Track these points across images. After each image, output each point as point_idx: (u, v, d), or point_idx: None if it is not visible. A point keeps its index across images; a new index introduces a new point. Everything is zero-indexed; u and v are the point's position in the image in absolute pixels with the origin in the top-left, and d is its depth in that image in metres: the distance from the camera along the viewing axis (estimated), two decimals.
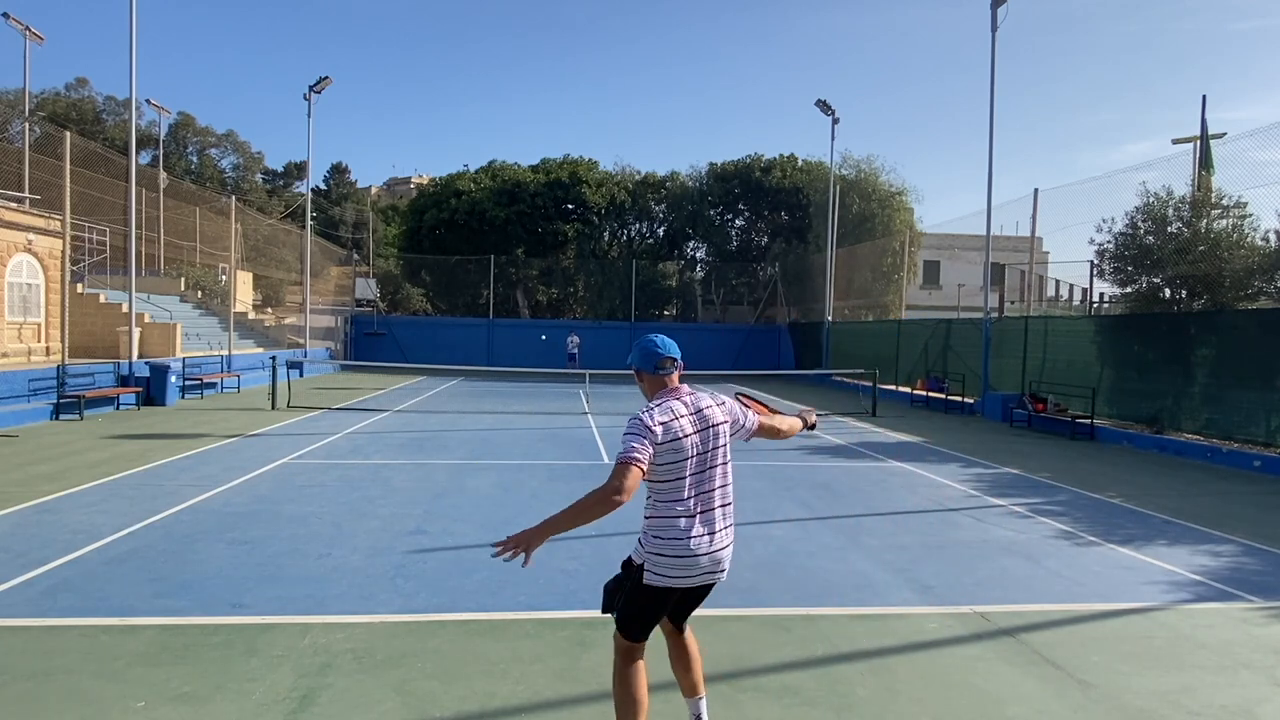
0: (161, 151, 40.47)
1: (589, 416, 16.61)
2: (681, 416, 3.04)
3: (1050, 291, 31.17)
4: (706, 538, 3.05)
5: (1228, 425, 12.79)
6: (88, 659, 4.21)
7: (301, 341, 30.29)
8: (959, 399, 19.50)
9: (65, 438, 12.18)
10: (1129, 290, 15.55)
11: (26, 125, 26.49)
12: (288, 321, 34.27)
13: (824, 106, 28.12)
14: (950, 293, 34.19)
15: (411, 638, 4.58)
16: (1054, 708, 3.92)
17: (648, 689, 3.18)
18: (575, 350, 31.65)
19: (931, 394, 20.60)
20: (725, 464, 3.15)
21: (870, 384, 19.31)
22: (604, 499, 2.80)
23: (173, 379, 17.64)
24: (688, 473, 3.02)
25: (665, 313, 39.18)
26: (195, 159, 47.39)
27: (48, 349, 19.39)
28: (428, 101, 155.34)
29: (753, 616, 5.11)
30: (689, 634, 3.41)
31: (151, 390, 17.09)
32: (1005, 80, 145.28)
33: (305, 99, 27.98)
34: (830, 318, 29.74)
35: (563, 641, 4.59)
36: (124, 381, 16.74)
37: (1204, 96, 24.33)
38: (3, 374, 14.19)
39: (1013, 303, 26.11)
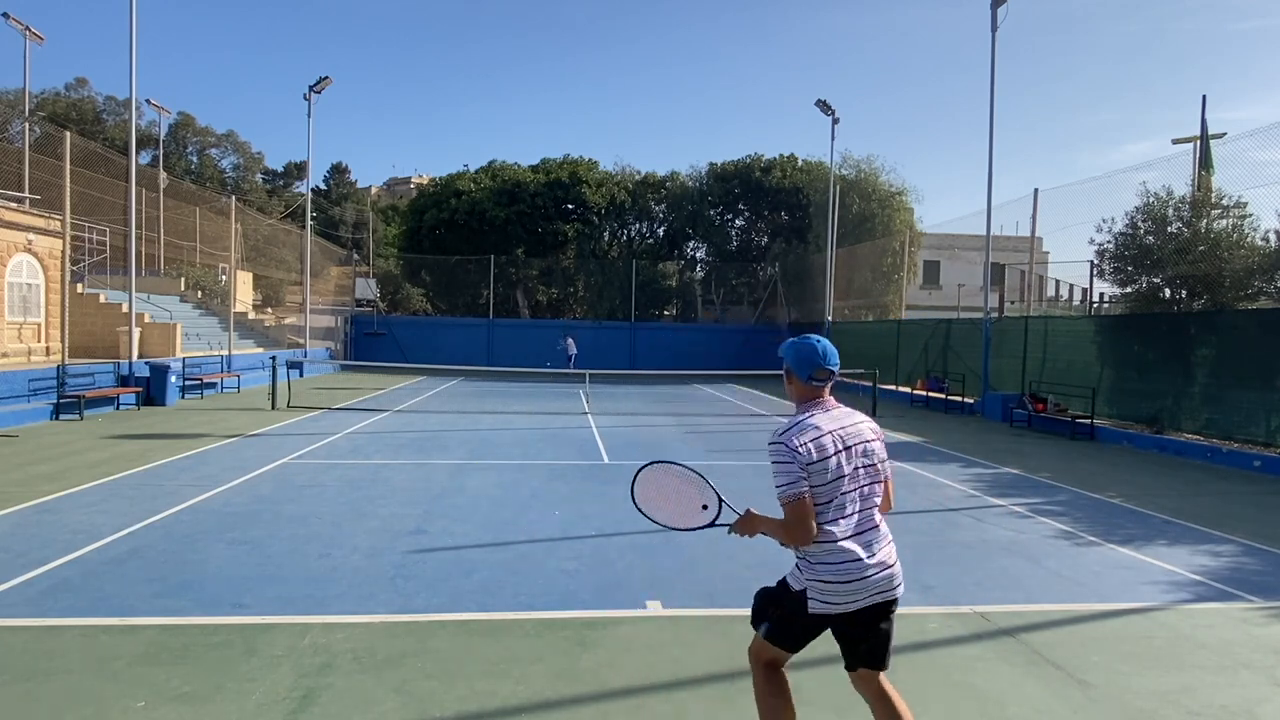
0: (161, 151, 40.49)
1: (589, 416, 16.61)
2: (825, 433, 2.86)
3: (1050, 291, 31.18)
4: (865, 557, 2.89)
5: (1228, 425, 12.79)
6: (88, 659, 4.21)
7: (301, 341, 30.30)
8: (959, 399, 19.49)
9: (65, 438, 12.18)
10: (1129, 290, 15.55)
11: (26, 125, 26.49)
12: (288, 321, 34.28)
13: (824, 106, 28.13)
14: (950, 293, 34.20)
15: (411, 638, 4.58)
16: (1054, 708, 3.92)
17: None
18: (572, 352, 31.65)
19: (931, 394, 20.60)
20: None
21: (870, 384, 19.31)
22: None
23: (173, 379, 17.65)
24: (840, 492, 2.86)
25: (665, 313, 39.19)
26: (195, 159, 47.42)
27: (48, 349, 19.39)
28: (428, 101, 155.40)
29: None
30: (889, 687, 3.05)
31: (151, 390, 17.09)
32: (1005, 80, 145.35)
33: (305, 99, 28.00)
34: (830, 318, 29.74)
35: (563, 641, 4.59)
36: (124, 381, 16.74)
37: (1204, 96, 24.35)
38: (3, 374, 14.19)
39: (1013, 303, 26.12)
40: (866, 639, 2.95)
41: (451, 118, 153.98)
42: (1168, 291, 14.87)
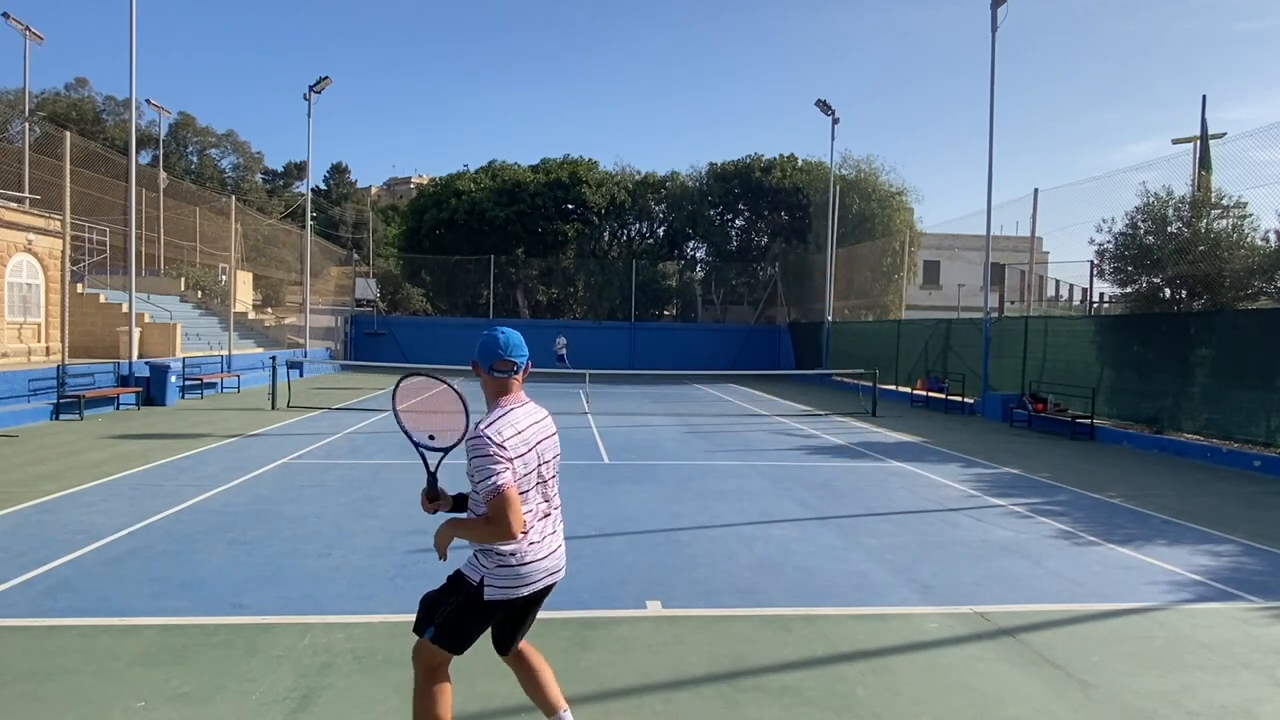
0: (161, 151, 40.49)
1: (589, 416, 16.61)
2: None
3: (1050, 291, 31.16)
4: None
5: (1228, 425, 12.79)
6: (88, 659, 4.21)
7: (301, 341, 30.29)
8: (959, 399, 19.49)
9: (65, 438, 12.18)
10: (1129, 290, 15.54)
11: (26, 125, 26.49)
12: (288, 321, 34.27)
13: (824, 106, 28.13)
14: (950, 293, 34.21)
15: (411, 638, 4.56)
16: (1054, 708, 3.92)
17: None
18: (563, 352, 31.59)
19: (931, 394, 20.60)
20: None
21: (870, 384, 19.31)
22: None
23: (173, 379, 17.64)
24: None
25: (665, 313, 39.19)
26: (195, 159, 47.40)
27: (48, 349, 19.39)
28: (428, 101, 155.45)
29: (753, 616, 5.11)
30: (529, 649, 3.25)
31: (151, 390, 17.09)
32: (1005, 80, 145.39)
33: (305, 99, 27.99)
34: (830, 318, 29.74)
35: (563, 641, 4.58)
36: (124, 381, 16.74)
37: (1204, 96, 24.37)
38: (3, 374, 14.19)
39: (1013, 303, 26.11)
40: (525, 623, 3.13)
41: (451, 118, 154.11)
42: (1168, 291, 14.87)
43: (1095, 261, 15.97)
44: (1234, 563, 6.65)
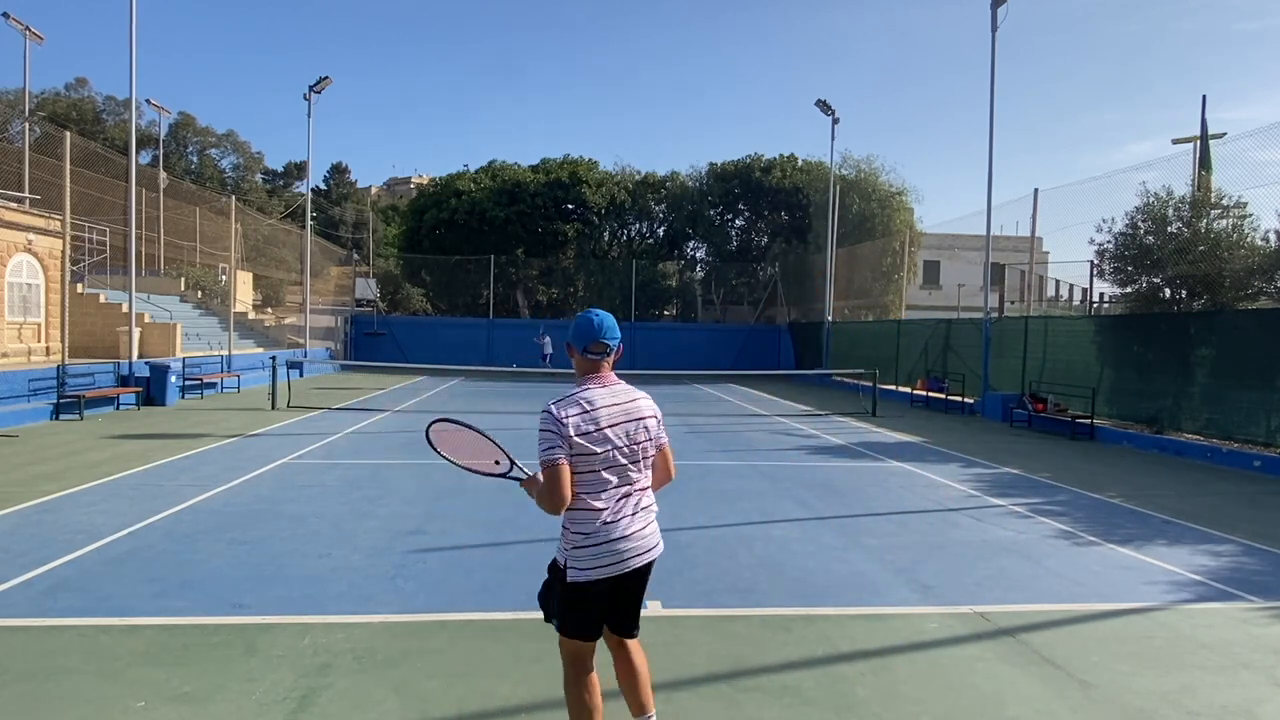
0: (161, 151, 40.49)
1: None
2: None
3: (1050, 291, 31.17)
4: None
5: (1228, 425, 12.79)
6: (88, 659, 4.21)
7: (301, 341, 30.29)
8: (959, 399, 19.49)
9: (65, 438, 12.18)
10: (1129, 290, 15.54)
11: (26, 125, 26.49)
12: (288, 321, 34.27)
13: (824, 106, 28.12)
14: (950, 293, 34.21)
15: (411, 638, 4.58)
16: (1054, 708, 3.92)
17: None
18: (548, 350, 31.55)
19: (931, 394, 20.60)
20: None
21: (870, 384, 19.31)
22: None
23: (173, 379, 17.64)
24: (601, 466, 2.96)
25: (665, 313, 39.19)
26: (195, 159, 47.40)
27: (48, 349, 19.39)
28: (428, 101, 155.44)
29: (753, 616, 5.10)
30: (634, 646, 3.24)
31: (151, 390, 17.09)
32: (1005, 80, 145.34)
33: (305, 99, 27.98)
34: (830, 318, 29.74)
35: None
36: (124, 381, 16.74)
37: (1204, 96, 24.38)
38: (3, 374, 14.19)
39: (1013, 303, 26.11)
40: (620, 603, 3.09)
41: (451, 118, 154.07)
42: (1168, 291, 14.87)
43: (1095, 261, 15.98)
44: (1234, 563, 6.65)
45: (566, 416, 2.89)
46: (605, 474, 2.95)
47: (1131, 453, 13.30)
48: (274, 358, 18.89)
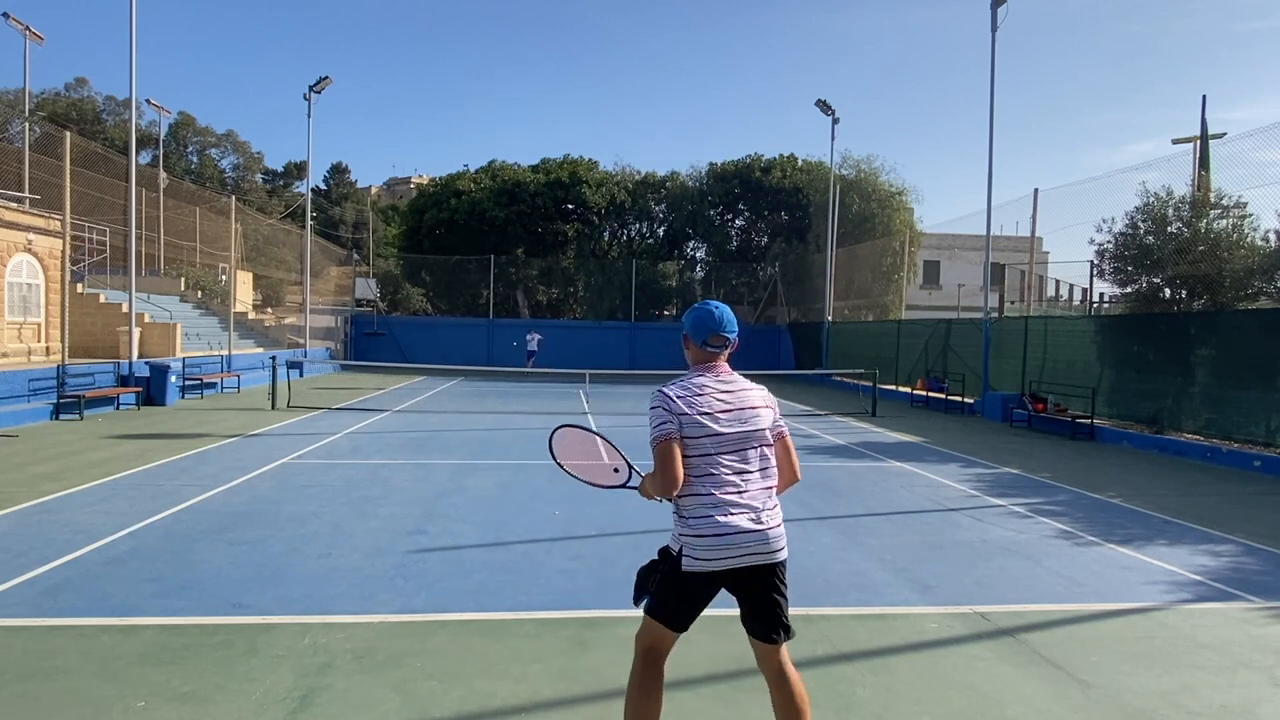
0: (161, 151, 40.49)
1: (589, 417, 16.61)
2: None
3: (1050, 291, 31.17)
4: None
5: (1228, 425, 12.78)
6: (88, 659, 4.21)
7: (301, 341, 30.29)
8: (959, 399, 19.49)
9: (65, 438, 12.17)
10: (1129, 290, 15.55)
11: (26, 125, 26.49)
12: (288, 321, 34.26)
13: (824, 106, 28.12)
14: (950, 293, 34.21)
15: (411, 638, 4.58)
16: (1054, 708, 3.92)
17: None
18: (535, 348, 31.49)
19: (931, 394, 20.60)
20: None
21: (870, 384, 19.31)
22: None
23: (173, 379, 17.64)
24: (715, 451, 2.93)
25: (665, 313, 39.19)
26: (195, 159, 47.42)
27: (48, 349, 19.39)
28: (428, 101, 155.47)
29: None
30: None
31: (151, 390, 17.08)
32: (1005, 80, 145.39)
33: (305, 99, 27.97)
34: (830, 318, 29.73)
35: (563, 641, 4.58)
36: (124, 381, 16.73)
37: (1204, 97, 24.39)
38: (3, 374, 14.19)
39: (1013, 303, 26.11)
40: (750, 605, 2.98)
41: (451, 118, 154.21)
42: (1168, 292, 14.87)
43: (1095, 261, 15.98)
44: (1234, 563, 6.65)
45: (676, 396, 2.89)
46: (718, 462, 2.89)
47: (1131, 453, 13.30)
48: (274, 358, 18.89)
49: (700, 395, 2.91)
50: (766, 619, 2.98)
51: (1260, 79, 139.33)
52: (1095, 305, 20.20)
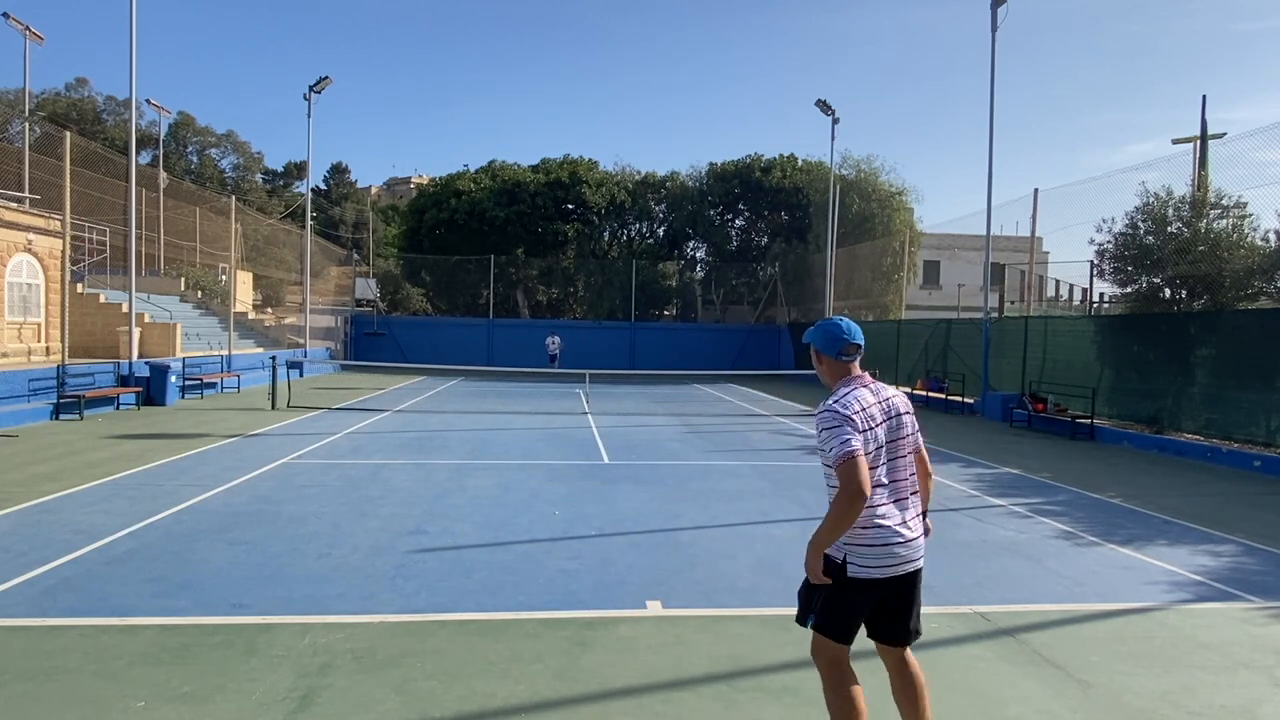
0: (161, 151, 40.48)
1: (589, 416, 16.61)
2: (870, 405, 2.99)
3: (1050, 291, 31.16)
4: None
5: (1228, 425, 12.78)
6: (88, 659, 4.21)
7: (301, 341, 30.29)
8: (959, 399, 19.50)
9: (65, 438, 12.17)
10: (1129, 290, 15.55)
11: (26, 125, 26.48)
12: (288, 321, 34.27)
13: (824, 106, 28.11)
14: (950, 293, 34.20)
15: (411, 638, 4.58)
16: (1054, 708, 3.92)
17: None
18: (556, 351, 31.53)
19: (931, 394, 20.60)
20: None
21: None
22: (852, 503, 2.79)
23: (173, 379, 17.64)
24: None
25: (665, 313, 39.19)
26: (195, 159, 47.41)
27: (48, 349, 19.39)
28: (428, 101, 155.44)
29: (753, 616, 5.10)
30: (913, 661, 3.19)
31: (151, 390, 17.08)
32: (1005, 80, 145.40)
33: (305, 99, 27.96)
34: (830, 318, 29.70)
35: (563, 641, 4.58)
36: (124, 381, 16.74)
37: (1204, 97, 24.37)
38: (3, 374, 14.19)
39: (1013, 303, 26.11)
40: (900, 609, 3.07)
41: (451, 118, 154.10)
42: (1168, 291, 14.87)
43: (1095, 261, 15.98)
44: (1234, 563, 6.65)
45: (853, 412, 2.90)
46: (879, 472, 2.95)
47: (1131, 453, 13.30)
48: (274, 358, 18.88)
49: (867, 409, 2.96)
50: (904, 622, 3.10)
51: (1261, 79, 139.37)
52: (1095, 305, 20.20)
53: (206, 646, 4.40)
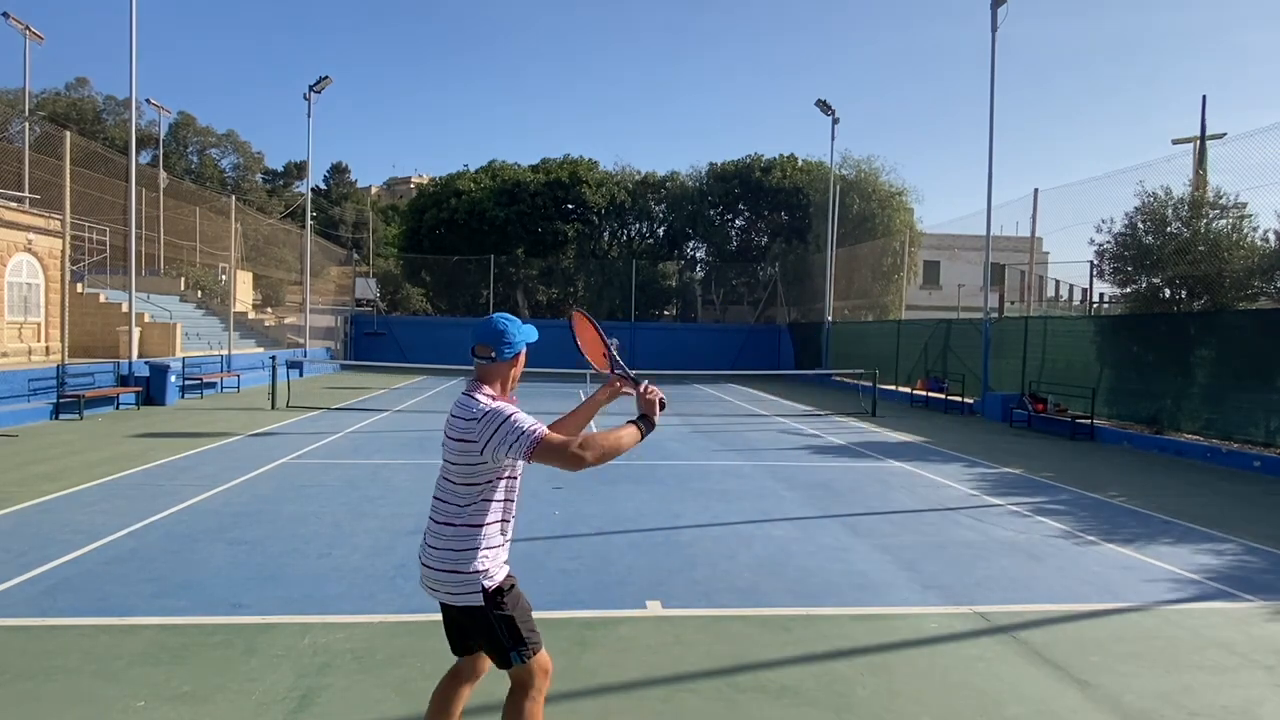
0: (161, 151, 40.49)
1: None
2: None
3: (1050, 291, 31.18)
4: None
5: (1228, 425, 12.78)
6: (88, 659, 4.21)
7: (301, 341, 30.29)
8: (959, 399, 19.49)
9: (65, 438, 12.17)
10: (1129, 290, 15.55)
11: (26, 125, 26.47)
12: (288, 321, 34.27)
13: (824, 106, 28.13)
14: (950, 293, 34.19)
15: (411, 638, 4.58)
16: (1054, 708, 3.92)
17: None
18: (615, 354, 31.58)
19: (931, 394, 20.60)
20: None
21: (870, 384, 19.30)
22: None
23: (172, 379, 17.64)
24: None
25: (665, 313, 39.20)
26: (195, 159, 47.43)
27: (48, 349, 19.39)
28: (428, 101, 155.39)
29: (753, 616, 5.10)
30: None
31: (151, 390, 17.08)
32: (1005, 80, 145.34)
33: (305, 99, 27.99)
34: (830, 318, 29.73)
35: (563, 641, 4.58)
36: (124, 381, 16.73)
37: (1204, 97, 24.39)
38: (3, 374, 14.18)
39: (1013, 303, 26.11)
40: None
41: (451, 118, 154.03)
42: (1167, 292, 14.87)
43: (1095, 261, 15.99)
44: (1234, 563, 6.65)
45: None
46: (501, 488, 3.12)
47: (1131, 453, 13.30)
48: (274, 358, 18.89)
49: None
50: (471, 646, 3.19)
51: (1260, 80, 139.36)
52: (1095, 305, 20.20)
53: (206, 646, 4.40)
